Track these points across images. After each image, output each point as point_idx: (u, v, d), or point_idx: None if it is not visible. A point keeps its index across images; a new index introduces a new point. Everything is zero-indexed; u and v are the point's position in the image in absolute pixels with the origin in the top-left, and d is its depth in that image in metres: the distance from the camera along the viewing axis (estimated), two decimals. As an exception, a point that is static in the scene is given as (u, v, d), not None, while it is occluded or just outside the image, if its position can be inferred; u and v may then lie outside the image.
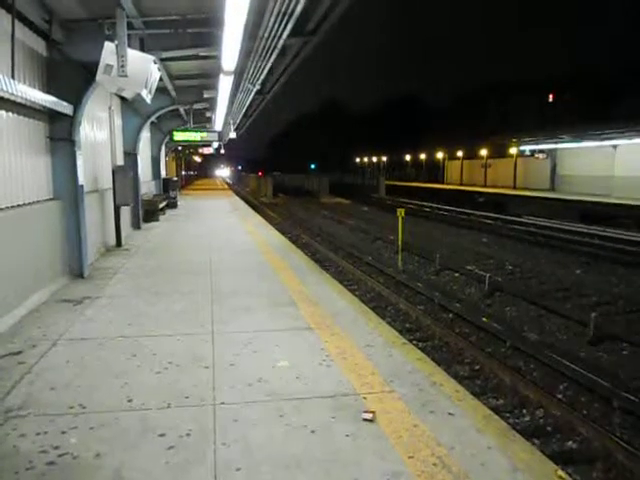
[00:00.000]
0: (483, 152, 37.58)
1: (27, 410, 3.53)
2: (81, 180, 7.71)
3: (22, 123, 6.29)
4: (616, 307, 8.94)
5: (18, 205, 6.05)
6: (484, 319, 8.16)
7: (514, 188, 32.01)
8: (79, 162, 7.62)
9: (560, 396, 5.64)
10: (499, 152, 35.97)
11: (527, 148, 30.62)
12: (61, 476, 2.81)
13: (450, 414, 3.53)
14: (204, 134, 18.96)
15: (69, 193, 7.52)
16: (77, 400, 3.68)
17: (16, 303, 5.68)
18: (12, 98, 5.75)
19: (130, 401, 3.69)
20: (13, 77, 5.46)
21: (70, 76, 7.24)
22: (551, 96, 53.46)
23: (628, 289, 10.23)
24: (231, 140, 27.18)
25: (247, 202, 28.13)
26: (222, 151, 36.71)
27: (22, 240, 6.00)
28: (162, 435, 3.23)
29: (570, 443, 4.69)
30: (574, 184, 26.82)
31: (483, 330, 7.75)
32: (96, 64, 6.31)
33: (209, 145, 27.75)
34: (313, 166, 76.51)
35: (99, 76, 6.38)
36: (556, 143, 27.13)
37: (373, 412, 3.50)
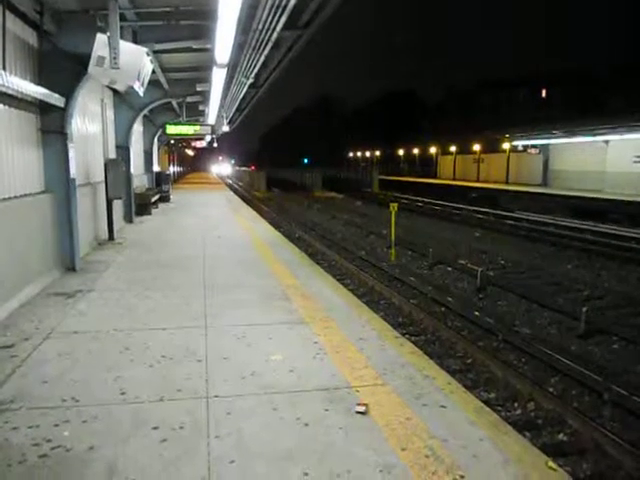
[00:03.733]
0: (476, 147, 37.64)
1: (19, 403, 3.52)
2: (73, 173, 7.65)
3: (13, 115, 6.22)
4: (607, 301, 9.01)
5: (9, 198, 6.00)
6: (476, 313, 8.21)
7: (506, 183, 32.12)
8: (71, 155, 7.55)
9: (551, 389, 5.70)
10: (492, 147, 36.00)
11: (520, 143, 30.71)
12: (54, 469, 2.81)
13: (442, 407, 3.55)
14: (197, 127, 18.85)
15: (61, 186, 7.46)
16: (70, 393, 3.67)
17: (8, 296, 5.64)
18: (3, 90, 5.68)
19: (123, 394, 3.69)
20: (4, 68, 5.41)
21: (62, 68, 7.16)
22: (544, 91, 53.55)
23: (619, 284, 10.33)
24: (225, 134, 27.06)
25: (240, 196, 28.06)
26: (215, 145, 36.54)
27: (13, 233, 5.96)
28: (155, 428, 3.23)
29: (561, 435, 4.75)
30: (566, 179, 26.97)
31: (475, 324, 7.80)
32: (88, 56, 6.25)
33: (202, 139, 27.62)
34: (306, 160, 76.26)
35: (91, 68, 6.33)
36: (548, 138, 27.25)
37: (366, 405, 3.51)
